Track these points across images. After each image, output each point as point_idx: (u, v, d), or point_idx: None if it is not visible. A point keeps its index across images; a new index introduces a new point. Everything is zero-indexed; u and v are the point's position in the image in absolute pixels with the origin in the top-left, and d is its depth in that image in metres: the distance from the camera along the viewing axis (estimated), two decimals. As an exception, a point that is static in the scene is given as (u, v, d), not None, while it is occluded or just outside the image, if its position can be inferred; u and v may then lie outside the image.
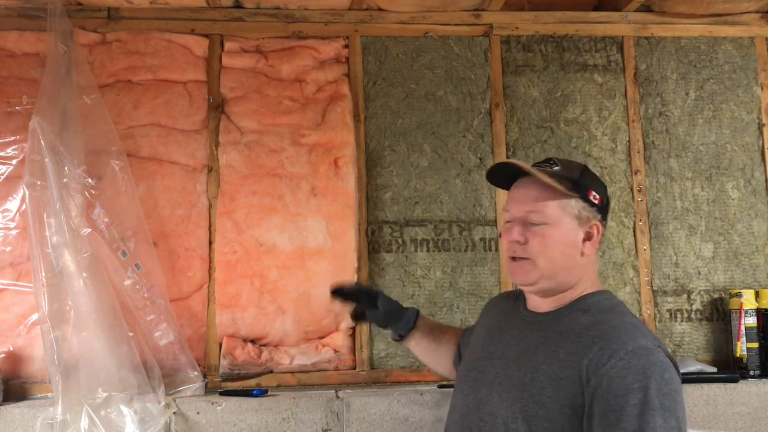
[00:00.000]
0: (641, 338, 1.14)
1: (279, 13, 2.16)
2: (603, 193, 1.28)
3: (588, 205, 1.25)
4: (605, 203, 1.28)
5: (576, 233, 1.25)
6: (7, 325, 1.93)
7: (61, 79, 1.92)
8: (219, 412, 1.81)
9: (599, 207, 1.26)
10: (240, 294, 2.00)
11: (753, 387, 1.96)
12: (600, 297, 1.26)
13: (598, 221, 1.26)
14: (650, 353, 1.11)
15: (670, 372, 1.11)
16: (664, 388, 1.08)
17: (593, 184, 1.27)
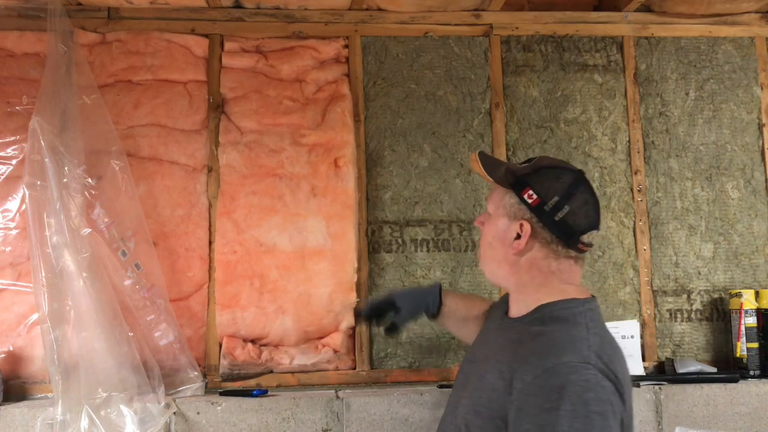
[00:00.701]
0: (570, 354, 1.09)
1: (279, 13, 2.16)
2: (547, 195, 1.22)
3: (519, 201, 1.24)
4: (548, 208, 1.21)
5: (507, 229, 1.26)
6: (7, 325, 1.93)
7: (61, 79, 1.92)
8: (219, 412, 1.81)
9: (533, 207, 1.22)
10: (240, 294, 2.00)
11: (753, 387, 1.96)
12: (561, 305, 1.21)
13: (526, 220, 1.23)
14: (573, 371, 1.06)
15: (595, 392, 1.05)
16: (580, 409, 1.02)
17: (537, 184, 1.23)
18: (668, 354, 2.13)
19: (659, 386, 1.95)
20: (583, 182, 1.25)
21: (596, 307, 1.24)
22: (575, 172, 1.27)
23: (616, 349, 1.18)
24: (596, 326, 1.19)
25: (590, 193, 1.25)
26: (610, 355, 1.12)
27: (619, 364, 1.13)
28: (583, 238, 1.23)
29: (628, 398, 1.11)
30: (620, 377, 1.10)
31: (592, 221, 1.24)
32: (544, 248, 1.24)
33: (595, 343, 1.13)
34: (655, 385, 1.95)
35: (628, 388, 1.13)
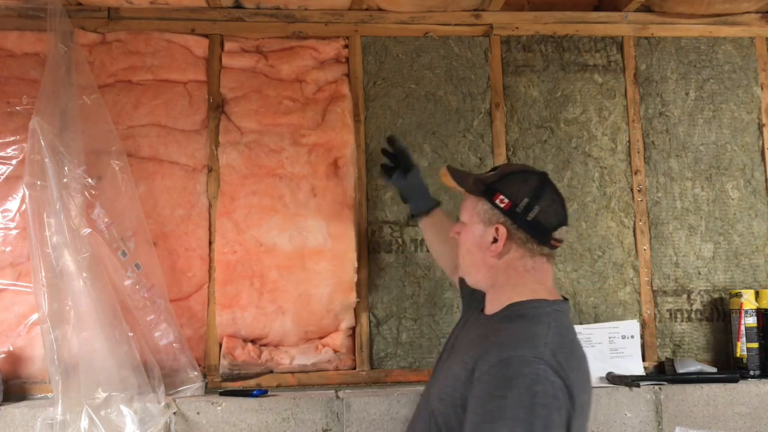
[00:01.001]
0: (526, 348, 1.15)
1: (279, 13, 2.16)
2: (518, 198, 1.29)
3: (492, 207, 1.31)
4: (520, 209, 1.29)
5: (483, 234, 1.33)
6: (7, 325, 1.93)
7: (61, 79, 1.92)
8: (219, 412, 1.81)
9: (506, 211, 1.29)
10: (240, 294, 2.00)
11: (753, 387, 1.96)
12: (529, 305, 1.28)
13: (501, 224, 1.30)
14: (525, 364, 1.12)
15: (543, 386, 1.09)
16: (526, 399, 1.07)
17: (506, 189, 1.31)
18: (668, 354, 2.13)
19: (659, 386, 1.95)
20: (548, 183, 1.34)
21: (565, 310, 1.30)
22: (540, 175, 1.35)
23: (576, 351, 1.22)
24: (559, 326, 1.24)
25: (556, 192, 1.35)
26: (567, 355, 1.17)
27: (575, 366, 1.18)
28: (555, 235, 1.32)
29: (579, 400, 1.15)
30: (573, 378, 1.14)
31: (561, 217, 1.33)
32: (520, 248, 1.31)
33: (553, 342, 1.18)
34: (655, 385, 1.95)
35: (582, 391, 1.17)
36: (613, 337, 2.10)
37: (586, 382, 1.21)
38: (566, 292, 2.13)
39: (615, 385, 1.97)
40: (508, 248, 1.31)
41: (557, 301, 1.30)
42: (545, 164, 2.18)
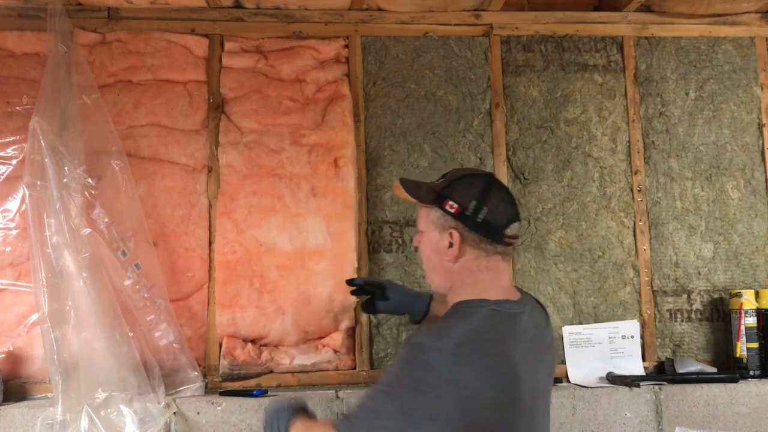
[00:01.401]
0: (431, 339, 1.25)
1: (279, 13, 2.16)
2: (466, 202, 1.34)
3: (444, 213, 1.36)
4: (470, 212, 1.34)
5: (439, 240, 1.38)
6: (7, 325, 1.93)
7: (61, 79, 1.92)
8: (219, 412, 1.81)
9: (457, 216, 1.34)
10: (240, 294, 2.00)
11: (753, 387, 1.96)
12: (468, 304, 1.33)
13: (453, 228, 1.35)
14: (418, 349, 1.23)
15: (425, 373, 1.20)
16: (406, 381, 1.22)
17: (454, 194, 1.36)
18: (668, 354, 2.13)
19: (659, 386, 1.95)
20: (494, 183, 1.38)
21: (506, 309, 1.32)
22: (485, 176, 1.40)
23: (489, 349, 1.26)
24: (482, 324, 1.28)
25: (503, 190, 1.38)
26: (470, 351, 1.23)
27: (478, 362, 1.22)
28: (507, 232, 1.35)
29: (481, 393, 1.21)
30: (468, 372, 1.21)
31: (511, 215, 1.36)
32: (474, 250, 1.36)
33: (462, 337, 1.25)
34: (655, 385, 1.95)
35: (486, 386, 1.22)
36: (613, 337, 2.10)
37: (495, 379, 1.24)
38: (566, 292, 2.13)
39: (615, 385, 1.97)
40: (463, 251, 1.36)
41: (501, 300, 1.33)
42: (545, 164, 2.18)
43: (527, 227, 2.15)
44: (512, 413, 1.26)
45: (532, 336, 1.35)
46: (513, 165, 2.17)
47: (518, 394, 1.27)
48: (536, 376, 1.34)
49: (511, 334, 1.31)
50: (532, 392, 1.31)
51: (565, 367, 2.08)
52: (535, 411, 1.33)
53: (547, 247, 2.15)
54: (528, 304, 1.39)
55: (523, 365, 1.29)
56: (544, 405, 1.39)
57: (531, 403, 1.30)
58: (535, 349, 1.35)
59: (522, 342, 1.32)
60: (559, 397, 1.91)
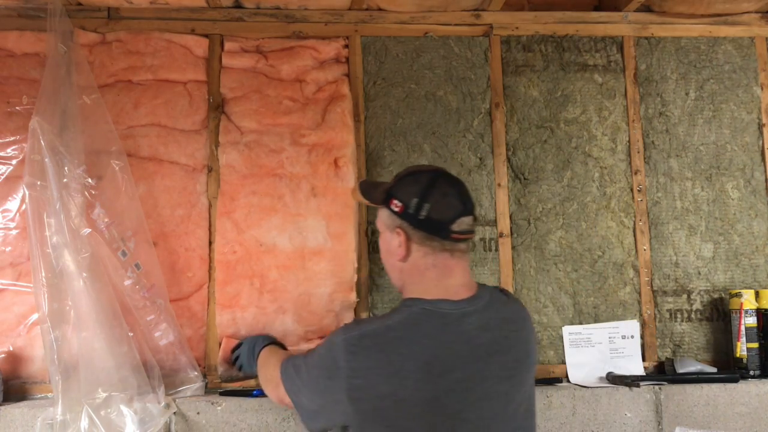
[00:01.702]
0: (344, 326, 1.37)
1: (279, 13, 2.16)
2: (408, 199, 1.36)
3: (391, 213, 1.39)
4: (412, 210, 1.35)
5: (390, 240, 1.41)
6: (7, 325, 1.93)
7: (61, 79, 1.92)
8: (219, 412, 1.81)
9: (401, 214, 1.37)
10: (240, 294, 2.00)
11: (753, 387, 1.96)
12: (403, 303, 1.37)
13: (399, 227, 1.38)
14: (333, 333, 1.35)
15: (332, 349, 1.31)
16: (312, 361, 1.36)
17: (398, 192, 1.38)
18: (668, 354, 2.13)
19: (659, 386, 1.95)
20: (439, 178, 1.38)
21: (439, 309, 1.32)
22: (431, 172, 1.40)
23: (394, 346, 1.28)
24: (400, 322, 1.31)
25: (449, 185, 1.38)
26: (371, 345, 1.28)
27: (375, 356, 1.28)
28: (453, 227, 1.35)
29: (369, 386, 1.27)
30: (362, 364, 1.27)
31: (458, 210, 1.36)
32: (422, 247, 1.37)
33: (371, 331, 1.31)
34: (655, 385, 1.95)
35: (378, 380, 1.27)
36: (613, 337, 2.11)
37: (394, 375, 1.26)
38: (566, 292, 2.13)
39: (615, 385, 1.97)
40: (410, 250, 1.38)
41: (438, 300, 1.34)
42: (545, 164, 2.18)
43: (527, 227, 2.15)
44: (419, 412, 1.27)
45: (473, 337, 1.32)
46: (513, 165, 2.17)
47: (429, 394, 1.27)
48: (474, 378, 1.30)
49: (436, 335, 1.30)
50: (464, 394, 1.29)
51: (565, 367, 2.08)
52: (468, 413, 1.29)
53: (547, 247, 2.15)
54: (482, 303, 1.36)
55: (449, 366, 1.28)
56: (495, 409, 1.33)
57: (460, 404, 1.28)
58: (477, 351, 1.32)
59: (454, 343, 1.30)
60: (559, 397, 1.91)
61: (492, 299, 1.40)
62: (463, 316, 1.33)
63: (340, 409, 1.30)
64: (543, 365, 2.09)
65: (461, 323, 1.33)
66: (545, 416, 1.90)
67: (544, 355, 2.10)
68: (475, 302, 1.36)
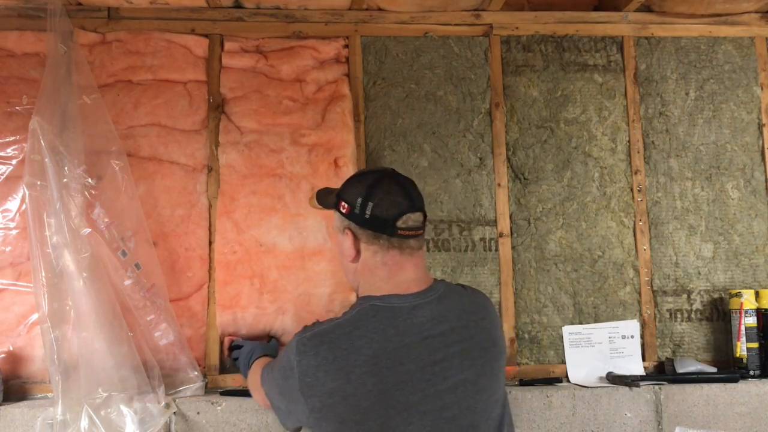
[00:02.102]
0: (294, 336, 1.39)
1: (279, 13, 2.16)
2: (354, 200, 1.40)
3: (340, 215, 1.43)
4: (357, 209, 1.39)
5: (343, 241, 1.45)
6: (7, 325, 1.93)
7: (61, 79, 1.92)
8: (219, 412, 1.81)
9: (348, 215, 1.41)
10: (240, 294, 2.00)
11: (753, 387, 1.96)
12: (356, 302, 1.41)
13: (347, 227, 1.42)
14: (287, 346, 1.40)
15: (289, 351, 1.38)
16: (275, 362, 1.46)
17: (345, 194, 1.43)
18: (668, 354, 2.13)
19: (659, 386, 1.95)
20: (385, 177, 1.44)
21: (389, 304, 1.36)
22: (377, 172, 1.45)
23: (341, 342, 1.33)
24: (350, 320, 1.36)
25: (395, 183, 1.42)
26: (318, 343, 1.34)
27: (322, 353, 1.33)
28: (399, 224, 1.38)
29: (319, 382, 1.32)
30: (311, 361, 1.33)
31: (402, 207, 1.39)
32: (371, 246, 1.41)
33: (321, 330, 1.36)
34: (655, 385, 1.95)
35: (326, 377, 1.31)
36: (613, 337, 2.11)
37: (340, 371, 1.31)
38: (566, 292, 2.13)
39: (615, 385, 1.97)
40: (360, 249, 1.42)
41: (388, 296, 1.37)
42: (545, 164, 2.18)
43: (527, 227, 2.15)
44: (368, 405, 1.29)
45: (426, 328, 1.35)
46: (513, 165, 2.17)
47: (377, 387, 1.30)
48: (431, 369, 1.33)
49: (384, 328, 1.33)
50: (420, 385, 1.31)
51: (565, 367, 2.08)
52: (427, 404, 1.31)
53: (547, 247, 2.15)
54: (434, 295, 1.39)
55: (398, 358, 1.31)
56: (464, 399, 1.35)
57: (415, 396, 1.30)
58: (432, 342, 1.34)
59: (404, 335, 1.33)
60: (559, 397, 1.91)
61: (447, 291, 1.43)
62: (414, 309, 1.36)
63: (299, 409, 1.36)
64: (543, 365, 2.09)
65: (412, 316, 1.35)
66: (545, 416, 1.90)
67: (544, 355, 2.10)
68: (426, 295, 1.39)
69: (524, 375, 2.07)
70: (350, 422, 1.31)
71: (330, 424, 1.33)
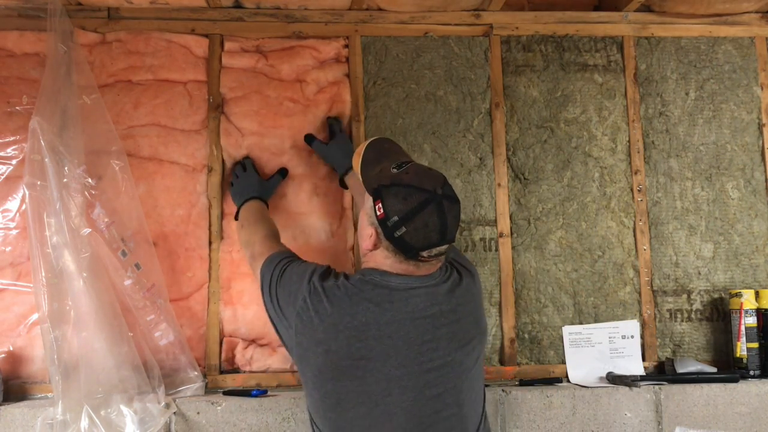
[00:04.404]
0: (312, 272, 1.49)
1: (279, 13, 2.16)
2: (391, 213, 1.37)
3: (372, 209, 1.42)
4: (390, 224, 1.37)
5: (365, 227, 1.46)
6: (7, 325, 1.93)
7: (61, 79, 1.92)
8: (219, 412, 1.81)
9: (379, 220, 1.39)
10: (243, 292, 2.01)
11: (753, 387, 1.96)
12: (361, 269, 1.49)
13: (374, 228, 1.42)
14: (302, 273, 1.50)
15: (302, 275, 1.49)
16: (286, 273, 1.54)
17: (387, 198, 1.39)
18: (668, 354, 2.13)
19: (659, 386, 1.95)
20: (430, 204, 1.38)
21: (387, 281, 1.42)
22: (425, 194, 1.39)
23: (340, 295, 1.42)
24: (352, 281, 1.44)
25: (438, 215, 1.38)
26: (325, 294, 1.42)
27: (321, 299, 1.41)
28: (423, 253, 1.40)
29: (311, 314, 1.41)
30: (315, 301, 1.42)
31: (432, 241, 1.38)
32: (388, 253, 1.42)
33: (332, 282, 1.45)
34: (655, 385, 1.95)
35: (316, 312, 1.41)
36: (613, 337, 2.10)
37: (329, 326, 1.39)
38: (566, 292, 2.13)
39: (615, 385, 1.97)
40: (377, 248, 1.44)
41: (389, 274, 1.42)
42: (545, 164, 2.18)
43: (527, 227, 2.15)
44: (347, 366, 1.38)
45: (419, 309, 1.41)
46: (513, 165, 2.17)
47: (360, 353, 1.38)
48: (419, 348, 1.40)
49: (379, 301, 1.40)
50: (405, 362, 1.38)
51: (565, 367, 2.08)
52: (410, 380, 1.39)
53: (547, 247, 2.15)
54: (432, 281, 1.45)
55: (386, 332, 1.38)
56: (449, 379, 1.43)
57: (399, 371, 1.38)
58: (423, 323, 1.41)
59: (397, 312, 1.40)
60: (559, 397, 1.91)
61: (445, 277, 1.48)
62: (410, 290, 1.41)
63: (288, 333, 1.46)
64: (543, 365, 2.09)
65: (407, 295, 1.41)
66: (545, 416, 1.90)
67: (544, 355, 2.10)
68: (425, 280, 1.44)
69: (524, 375, 2.07)
70: (326, 375, 1.40)
71: (308, 368, 1.43)
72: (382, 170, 1.47)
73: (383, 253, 1.43)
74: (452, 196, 1.44)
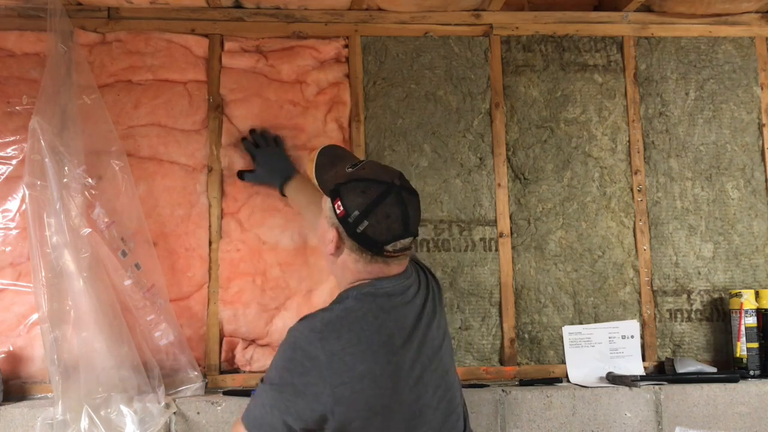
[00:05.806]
0: (298, 322, 1.34)
1: (279, 13, 2.16)
2: (350, 209, 1.33)
3: (332, 209, 1.37)
4: (351, 220, 1.33)
5: (326, 231, 1.40)
6: (7, 325, 1.93)
7: (61, 79, 1.92)
8: (219, 412, 1.81)
9: (340, 218, 1.34)
10: (243, 291, 2.01)
11: (753, 387, 1.96)
12: (342, 294, 1.39)
13: (335, 228, 1.36)
14: (290, 331, 1.33)
15: (298, 341, 1.31)
16: (283, 353, 1.33)
17: (346, 195, 1.34)
18: (668, 354, 2.13)
19: (659, 386, 1.95)
20: (390, 195, 1.35)
21: (380, 287, 1.37)
22: (383, 185, 1.35)
23: (353, 326, 1.32)
24: (348, 308, 1.33)
25: (397, 205, 1.35)
26: (336, 328, 1.30)
27: (345, 336, 1.29)
28: (388, 248, 1.35)
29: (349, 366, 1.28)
30: (335, 345, 1.28)
31: (396, 233, 1.34)
32: (353, 254, 1.37)
33: (327, 318, 1.32)
34: (655, 385, 1.95)
35: (354, 359, 1.28)
36: (613, 337, 2.11)
37: (364, 351, 1.29)
38: (566, 292, 2.13)
39: (615, 385, 1.97)
40: (342, 250, 1.38)
41: (374, 279, 1.37)
42: (545, 164, 2.18)
43: (527, 227, 2.15)
44: (390, 385, 1.30)
45: (419, 305, 1.41)
46: (513, 165, 2.17)
47: (394, 366, 1.31)
48: (425, 342, 1.38)
49: (389, 309, 1.35)
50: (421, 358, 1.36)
51: (565, 367, 2.08)
52: (427, 376, 1.37)
53: (547, 247, 2.15)
54: (410, 273, 1.43)
55: (405, 336, 1.34)
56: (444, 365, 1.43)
57: (419, 371, 1.35)
58: (424, 318, 1.40)
59: (406, 314, 1.37)
60: (559, 397, 1.91)
61: (416, 274, 1.48)
62: (406, 289, 1.40)
63: (319, 405, 1.27)
64: (543, 365, 2.09)
65: (406, 295, 1.39)
66: (545, 416, 1.90)
67: (544, 355, 2.10)
68: (403, 278, 1.41)
69: (524, 375, 2.07)
70: (377, 407, 1.29)
71: (356, 413, 1.27)
72: (337, 172, 1.42)
73: (350, 256, 1.38)
74: (410, 188, 1.41)
